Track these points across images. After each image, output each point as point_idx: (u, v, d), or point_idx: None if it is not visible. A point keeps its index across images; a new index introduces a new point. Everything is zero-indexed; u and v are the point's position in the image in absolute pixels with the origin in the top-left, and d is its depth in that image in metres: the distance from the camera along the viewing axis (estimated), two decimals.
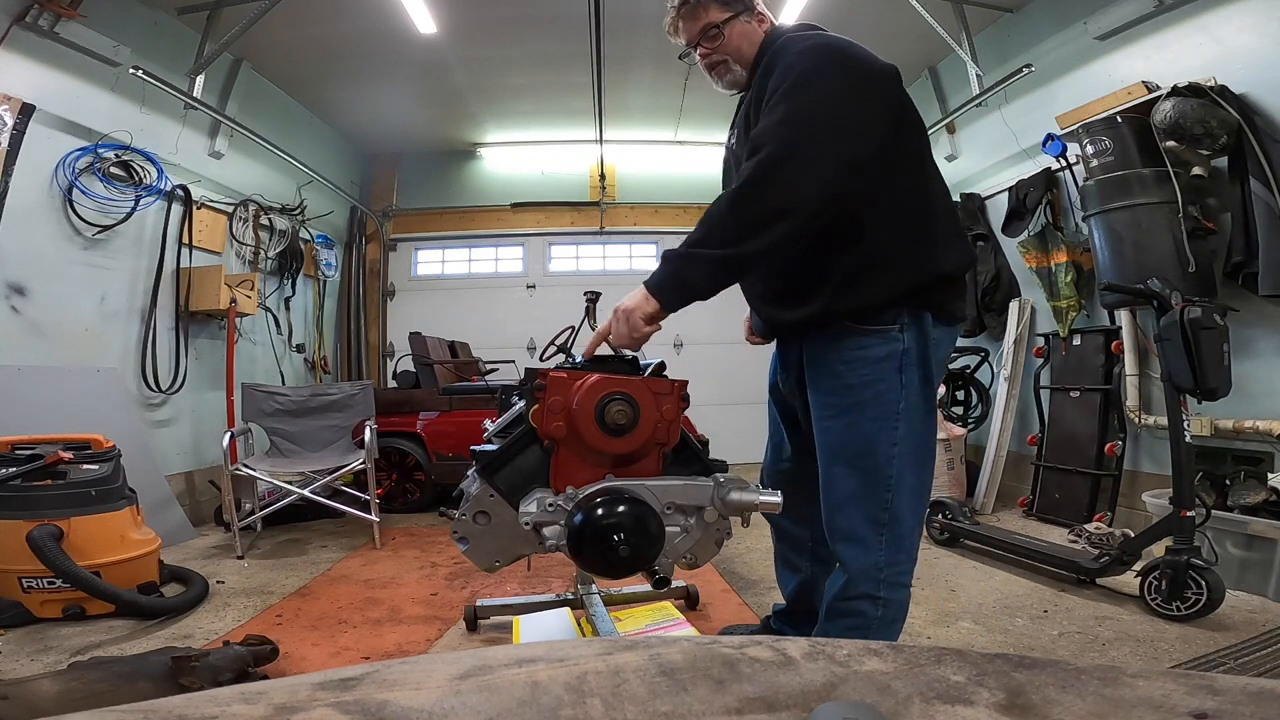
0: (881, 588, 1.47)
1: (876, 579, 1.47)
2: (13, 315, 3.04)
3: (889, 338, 1.44)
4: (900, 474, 1.45)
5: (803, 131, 1.30)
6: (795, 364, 1.60)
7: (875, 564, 1.46)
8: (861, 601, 1.48)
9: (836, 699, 0.39)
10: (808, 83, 1.33)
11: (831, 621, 1.53)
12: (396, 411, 4.24)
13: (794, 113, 1.32)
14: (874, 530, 1.46)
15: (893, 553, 1.47)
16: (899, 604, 1.51)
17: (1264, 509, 2.56)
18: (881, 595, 1.47)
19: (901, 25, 4.01)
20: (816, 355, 1.52)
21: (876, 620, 1.48)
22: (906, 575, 1.51)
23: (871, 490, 1.46)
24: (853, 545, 1.48)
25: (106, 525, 2.43)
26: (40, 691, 1.49)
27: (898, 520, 1.47)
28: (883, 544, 1.46)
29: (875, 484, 1.45)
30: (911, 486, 1.48)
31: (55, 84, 3.19)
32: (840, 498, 1.49)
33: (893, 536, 1.47)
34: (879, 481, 1.45)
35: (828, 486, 1.52)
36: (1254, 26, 2.81)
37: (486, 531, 1.49)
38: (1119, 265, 3.11)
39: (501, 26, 4.30)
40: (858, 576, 1.47)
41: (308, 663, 2.04)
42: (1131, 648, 2.06)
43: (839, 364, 1.47)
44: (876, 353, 1.43)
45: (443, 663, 0.41)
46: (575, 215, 6.38)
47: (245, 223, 4.53)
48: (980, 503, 3.99)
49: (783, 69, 1.38)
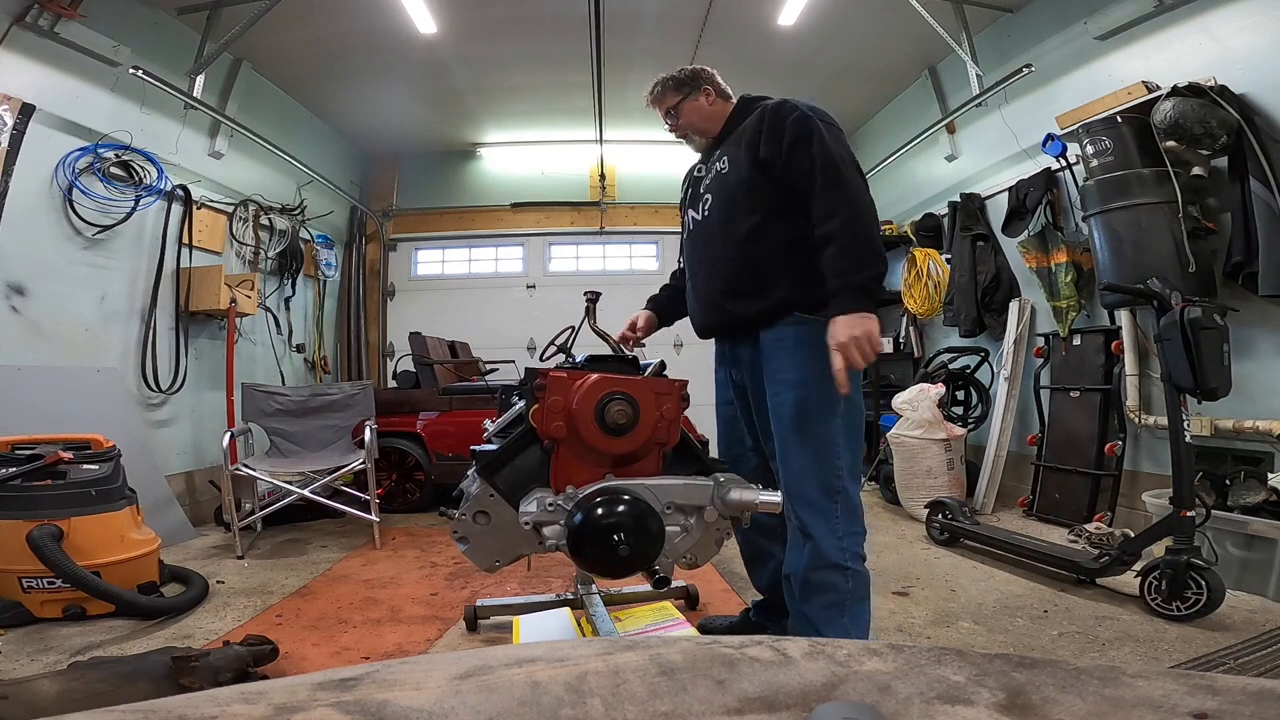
0: (846, 557, 1.63)
1: (840, 547, 1.62)
2: (13, 315, 3.04)
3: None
4: (841, 444, 1.65)
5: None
6: (749, 354, 1.80)
7: (834, 531, 1.62)
8: (831, 573, 1.62)
9: (836, 699, 0.39)
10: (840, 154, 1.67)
11: (807, 600, 1.65)
12: (396, 411, 4.24)
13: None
14: (829, 498, 1.64)
15: (848, 522, 1.64)
16: (864, 578, 1.66)
17: (1264, 509, 2.55)
18: (849, 565, 1.62)
19: (901, 25, 4.01)
20: (774, 341, 1.72)
21: (849, 594, 1.62)
22: (862, 546, 1.68)
23: (824, 459, 1.64)
24: (813, 511, 1.63)
25: (106, 525, 2.43)
26: (40, 691, 1.49)
27: (847, 490, 1.66)
28: (838, 511, 1.63)
29: (826, 453, 1.64)
30: (850, 460, 1.68)
31: (55, 84, 3.18)
32: (797, 467, 1.66)
33: (846, 505, 1.65)
34: (829, 450, 1.64)
35: (785, 458, 1.68)
36: (1254, 26, 2.81)
37: (486, 531, 1.49)
38: (1119, 265, 3.11)
39: (501, 26, 4.30)
40: (821, 542, 1.62)
41: (308, 663, 2.04)
42: (1131, 648, 2.06)
43: (796, 348, 1.67)
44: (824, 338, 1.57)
45: (443, 663, 0.41)
46: (575, 215, 6.39)
47: (245, 223, 4.53)
48: (980, 503, 3.99)
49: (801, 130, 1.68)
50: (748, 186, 1.74)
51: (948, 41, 3.92)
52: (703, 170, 1.93)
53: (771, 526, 1.89)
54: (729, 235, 1.77)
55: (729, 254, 1.78)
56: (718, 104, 1.93)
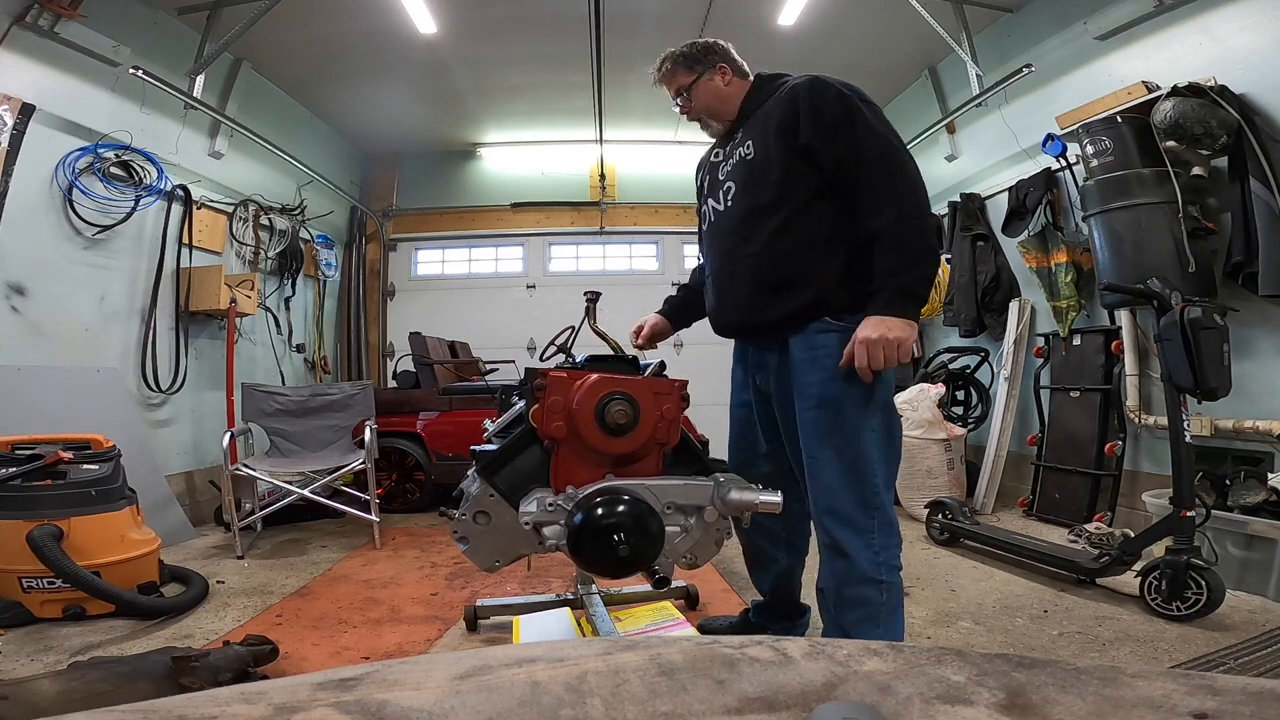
0: (882, 570, 1.54)
1: (876, 562, 1.54)
2: (13, 315, 3.04)
3: None
4: (878, 458, 1.56)
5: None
6: (775, 360, 1.68)
7: (870, 545, 1.54)
8: (867, 587, 1.54)
9: (836, 699, 0.39)
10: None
11: (842, 614, 1.58)
12: (396, 411, 4.24)
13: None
14: (866, 513, 1.54)
15: (885, 536, 1.56)
16: (898, 588, 1.58)
17: (1264, 509, 2.55)
18: (883, 579, 1.54)
19: (901, 25, 4.01)
20: (805, 350, 1.60)
21: (884, 607, 1.54)
22: (898, 558, 1.59)
23: (860, 475, 1.54)
24: (848, 528, 1.54)
25: (106, 525, 2.42)
26: (40, 691, 1.49)
27: (884, 504, 1.56)
28: (875, 526, 1.54)
29: (862, 469, 1.54)
30: (886, 472, 1.58)
31: (55, 84, 3.18)
32: (832, 483, 1.56)
33: (883, 520, 1.55)
34: (866, 466, 1.54)
35: (817, 473, 1.58)
36: (1254, 26, 2.81)
37: (486, 531, 1.49)
38: (1119, 265, 3.11)
39: (501, 26, 4.30)
40: (857, 558, 1.54)
41: (308, 663, 2.04)
42: (1131, 648, 2.06)
43: (829, 359, 1.55)
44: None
45: (443, 663, 0.41)
46: (575, 215, 6.38)
47: (245, 223, 4.53)
48: (980, 503, 3.99)
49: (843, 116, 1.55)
50: (778, 173, 1.59)
51: (948, 41, 3.92)
52: (721, 156, 1.77)
53: (774, 530, 1.85)
54: (755, 226, 1.63)
55: (755, 247, 1.63)
56: (734, 83, 1.75)
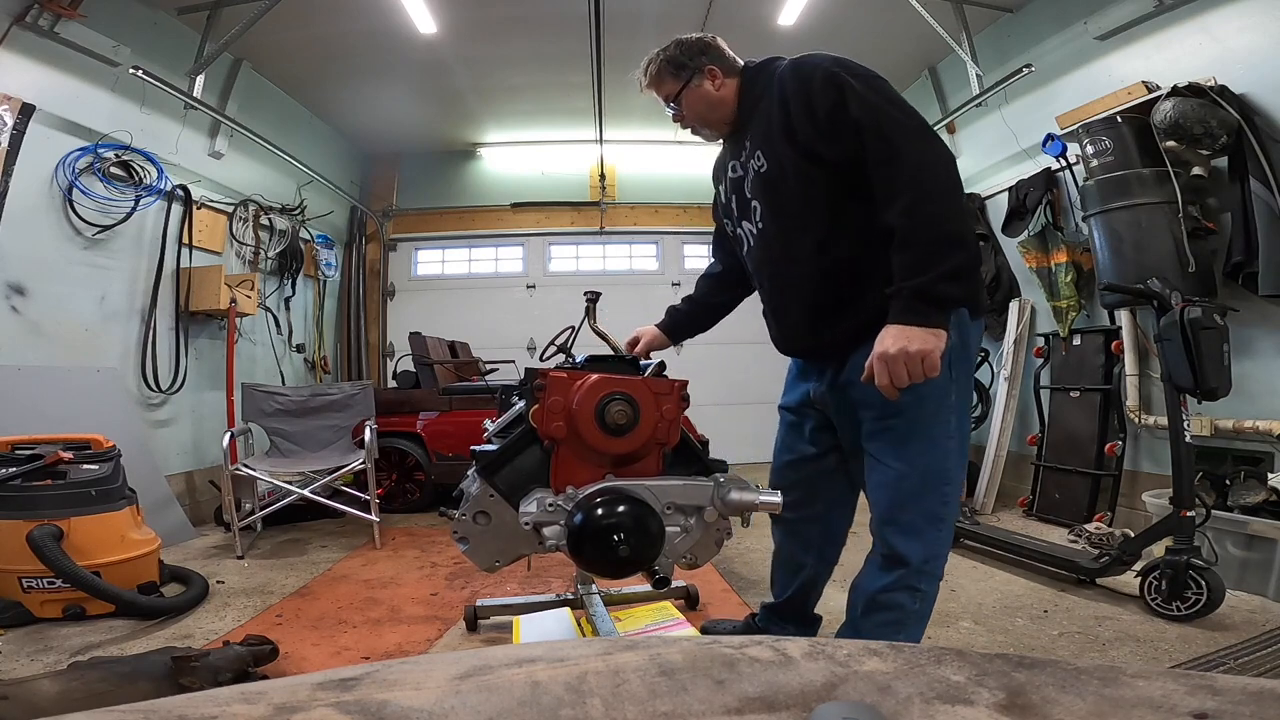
0: (922, 580, 1.50)
1: (922, 571, 1.49)
2: (13, 315, 3.04)
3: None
4: (953, 467, 1.49)
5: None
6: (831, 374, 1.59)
7: (924, 556, 1.49)
8: (901, 594, 1.50)
9: (836, 699, 0.39)
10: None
11: (868, 616, 1.53)
12: (396, 411, 4.24)
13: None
14: (933, 524, 1.49)
15: (940, 545, 1.52)
16: (932, 597, 1.54)
17: (1264, 509, 2.55)
18: (921, 587, 1.50)
19: (901, 25, 4.01)
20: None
21: (914, 614, 1.50)
22: (942, 568, 1.54)
23: (932, 485, 1.48)
24: (911, 539, 1.48)
25: (106, 525, 2.43)
26: (40, 691, 1.49)
27: (950, 515, 1.51)
28: (937, 538, 1.50)
29: (935, 479, 1.48)
30: (958, 479, 1.52)
31: (55, 84, 3.18)
32: (902, 494, 1.49)
33: (946, 532, 1.52)
34: (938, 476, 1.48)
35: (886, 485, 1.50)
36: (1254, 26, 2.81)
37: (486, 531, 1.49)
38: (1119, 265, 3.11)
39: (501, 26, 4.30)
40: (916, 566, 1.48)
41: (308, 663, 2.04)
42: (1131, 648, 2.06)
43: None
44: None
45: (443, 663, 0.41)
46: (575, 215, 6.38)
47: (245, 223, 4.53)
48: (980, 503, 3.99)
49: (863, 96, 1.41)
50: (797, 184, 1.47)
51: (948, 41, 3.92)
52: (739, 169, 1.63)
53: (809, 537, 1.80)
54: (793, 246, 1.52)
55: (799, 269, 1.53)
56: (726, 85, 1.61)
